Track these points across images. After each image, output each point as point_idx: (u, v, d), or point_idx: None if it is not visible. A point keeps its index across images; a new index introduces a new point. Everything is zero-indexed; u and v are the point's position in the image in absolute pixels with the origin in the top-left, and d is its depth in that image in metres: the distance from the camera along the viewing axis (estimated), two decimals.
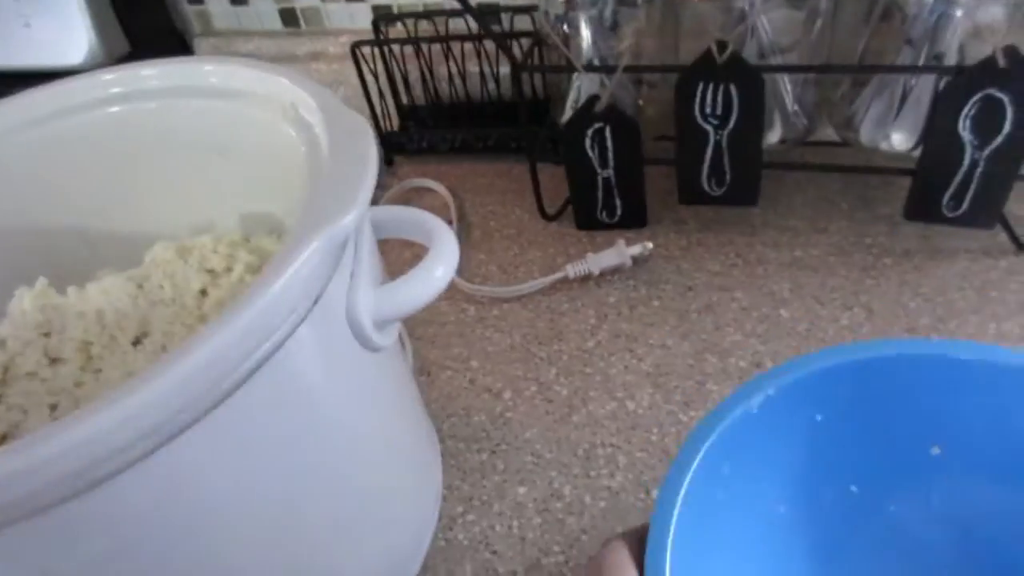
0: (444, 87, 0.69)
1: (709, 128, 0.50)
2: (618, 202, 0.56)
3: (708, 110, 0.49)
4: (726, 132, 0.50)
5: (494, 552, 0.40)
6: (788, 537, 0.32)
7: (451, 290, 0.56)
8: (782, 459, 0.32)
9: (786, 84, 0.51)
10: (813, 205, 0.58)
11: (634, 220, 0.57)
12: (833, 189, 0.59)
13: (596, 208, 0.57)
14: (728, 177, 0.52)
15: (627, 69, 0.50)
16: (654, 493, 0.41)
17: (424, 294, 0.29)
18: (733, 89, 0.48)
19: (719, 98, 0.48)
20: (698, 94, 0.49)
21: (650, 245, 0.54)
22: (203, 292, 0.33)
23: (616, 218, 0.57)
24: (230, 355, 0.21)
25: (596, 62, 0.54)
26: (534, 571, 0.38)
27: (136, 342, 0.32)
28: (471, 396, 0.48)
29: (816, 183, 0.59)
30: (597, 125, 0.52)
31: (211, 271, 0.34)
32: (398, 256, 0.58)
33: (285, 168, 0.34)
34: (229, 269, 0.34)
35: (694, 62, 0.48)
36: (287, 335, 0.24)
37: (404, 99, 0.71)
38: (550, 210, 0.60)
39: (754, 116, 0.48)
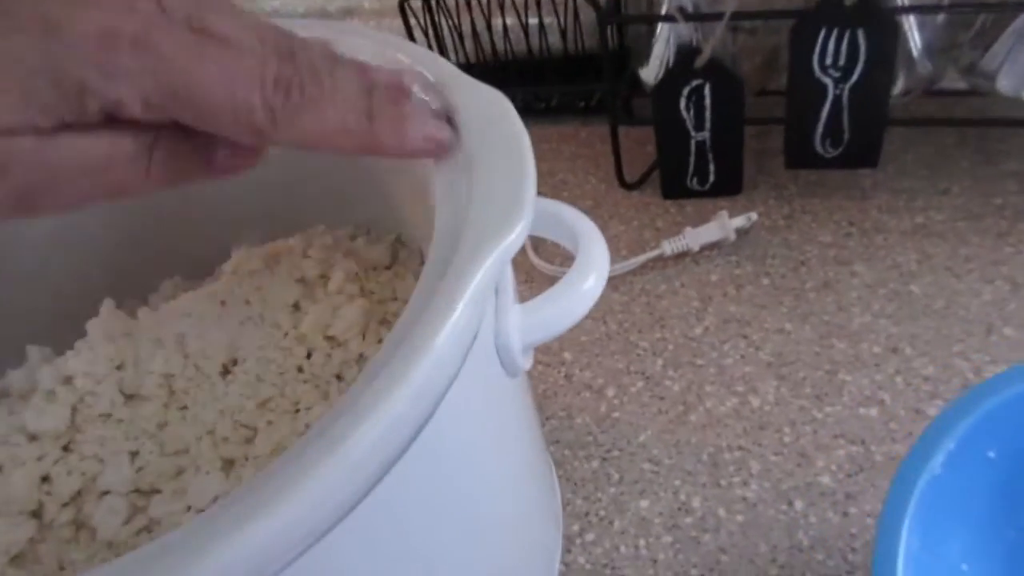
0: (499, 42, 0.62)
1: (828, 81, 0.44)
2: (712, 167, 0.50)
3: (829, 61, 0.43)
4: (848, 85, 0.44)
5: None
6: None
7: (529, 273, 0.50)
8: (963, 511, 0.28)
9: (913, 27, 0.45)
10: (929, 163, 0.52)
11: (728, 187, 0.51)
12: (948, 144, 0.53)
13: (686, 175, 0.51)
14: (846, 136, 0.46)
15: (736, 16, 0.43)
16: (798, 504, 0.36)
17: (576, 311, 0.24)
18: (861, 36, 0.42)
19: (843, 47, 0.42)
20: (819, 43, 0.42)
21: (754, 216, 0.48)
22: (296, 306, 0.28)
23: (708, 185, 0.51)
24: (408, 418, 0.16)
25: (688, 7, 0.47)
26: None
27: (225, 371, 0.27)
28: (570, 394, 0.43)
29: (929, 138, 0.53)
30: (696, 82, 0.46)
31: (302, 280, 0.29)
32: None
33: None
34: (324, 278, 0.29)
35: (817, 5, 0.41)
36: (452, 381, 0.18)
37: (453, 57, 0.64)
38: (629, 177, 0.55)
39: (884, 66, 0.42)
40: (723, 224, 0.48)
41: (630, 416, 0.41)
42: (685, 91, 0.46)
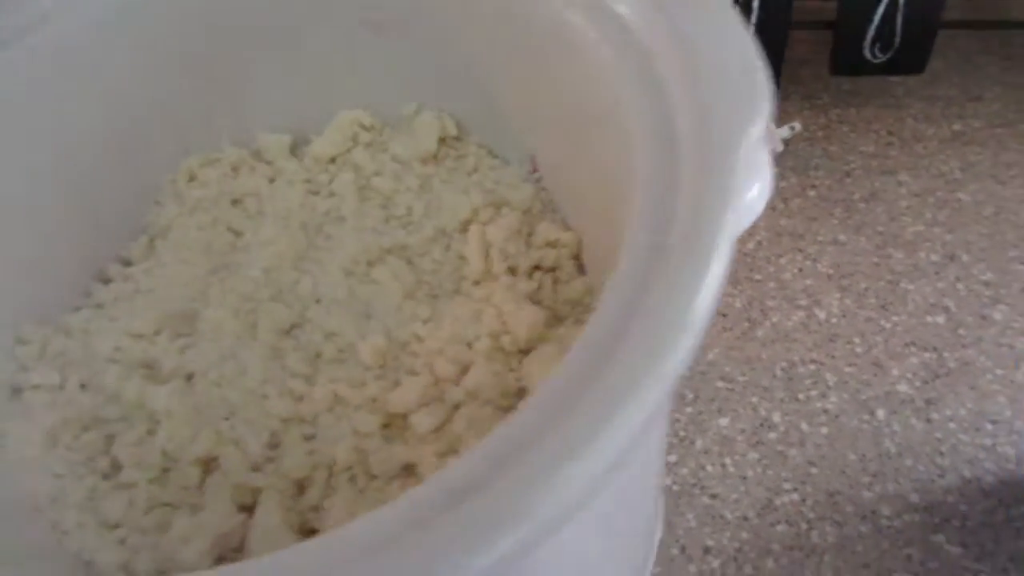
0: None
1: None
2: None
3: None
4: None
5: (714, 496, 0.34)
6: None
7: None
8: None
9: None
10: (957, 69, 0.51)
11: None
12: (973, 50, 0.52)
13: None
14: (897, 40, 0.44)
15: None
16: (879, 413, 0.36)
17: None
18: None
19: None
20: None
21: (798, 126, 0.47)
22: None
23: None
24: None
25: None
26: (768, 513, 0.34)
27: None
28: None
29: (954, 44, 0.53)
30: None
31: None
32: None
33: (496, 53, 0.24)
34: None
35: None
36: None
37: None
38: None
39: None
40: (770, 135, 0.46)
41: None
42: None
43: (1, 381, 0.22)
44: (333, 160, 0.28)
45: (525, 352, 0.22)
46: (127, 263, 0.27)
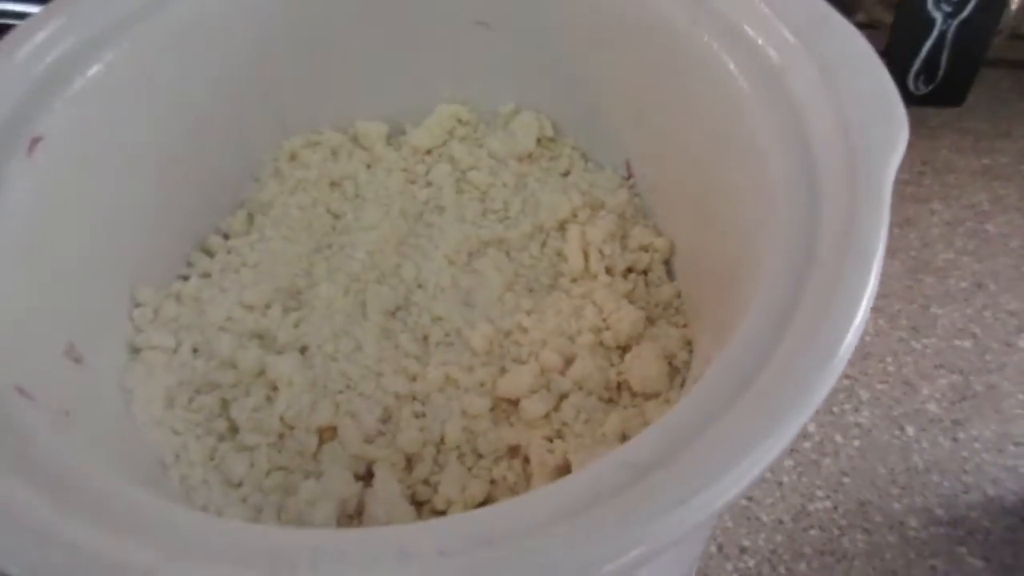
0: None
1: (938, 16, 0.43)
2: None
3: None
4: (956, 21, 0.44)
5: (750, 499, 0.36)
6: None
7: None
8: None
9: None
10: (987, 105, 0.53)
11: None
12: (1003, 87, 0.54)
13: None
14: (940, 74, 0.46)
15: None
16: (909, 430, 0.38)
17: None
18: None
19: None
20: None
21: None
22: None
23: None
24: None
25: None
26: (802, 518, 0.35)
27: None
28: None
29: (986, 80, 0.55)
30: None
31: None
32: None
33: (607, 61, 0.26)
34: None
35: None
36: None
37: None
38: None
39: (997, 3, 0.42)
40: None
41: None
42: None
43: (123, 341, 0.23)
44: (429, 151, 0.29)
45: (623, 349, 0.24)
46: (225, 236, 0.28)
